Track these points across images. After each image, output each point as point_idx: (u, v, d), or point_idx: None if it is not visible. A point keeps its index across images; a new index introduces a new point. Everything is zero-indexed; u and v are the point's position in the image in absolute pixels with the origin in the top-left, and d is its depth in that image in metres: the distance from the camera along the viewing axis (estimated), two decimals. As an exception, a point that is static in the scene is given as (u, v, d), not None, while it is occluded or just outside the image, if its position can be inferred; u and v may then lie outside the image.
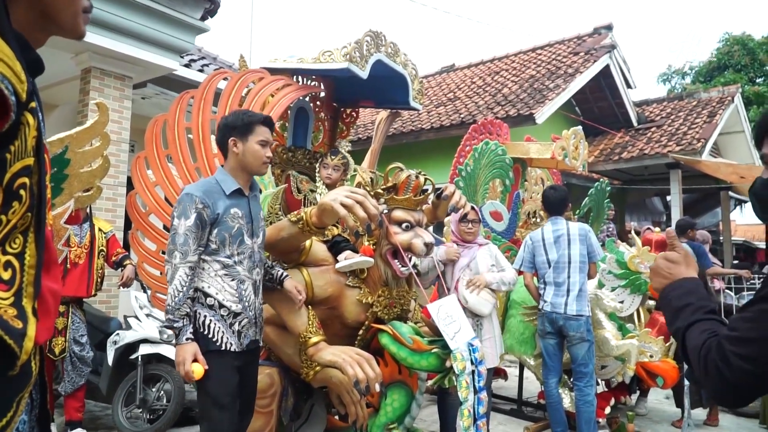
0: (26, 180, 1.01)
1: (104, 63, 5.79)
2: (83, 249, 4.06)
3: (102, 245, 4.22)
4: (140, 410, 4.14)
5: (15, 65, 0.91)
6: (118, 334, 4.29)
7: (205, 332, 2.30)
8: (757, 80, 19.21)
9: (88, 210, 4.09)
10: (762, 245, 15.15)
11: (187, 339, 2.21)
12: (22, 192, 1.00)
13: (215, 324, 2.31)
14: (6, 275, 0.98)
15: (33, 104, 0.98)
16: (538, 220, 5.19)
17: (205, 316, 2.31)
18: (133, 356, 4.17)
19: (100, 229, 4.26)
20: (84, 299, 4.18)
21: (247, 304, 2.36)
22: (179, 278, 2.23)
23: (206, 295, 2.30)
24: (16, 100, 0.90)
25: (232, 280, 2.34)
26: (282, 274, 2.57)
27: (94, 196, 3.76)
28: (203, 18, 6.24)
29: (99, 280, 4.18)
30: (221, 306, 2.32)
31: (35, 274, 1.03)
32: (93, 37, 5.32)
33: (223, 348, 2.30)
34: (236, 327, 2.33)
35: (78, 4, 1.10)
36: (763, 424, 4.90)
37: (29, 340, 0.97)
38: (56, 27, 1.11)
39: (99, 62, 5.76)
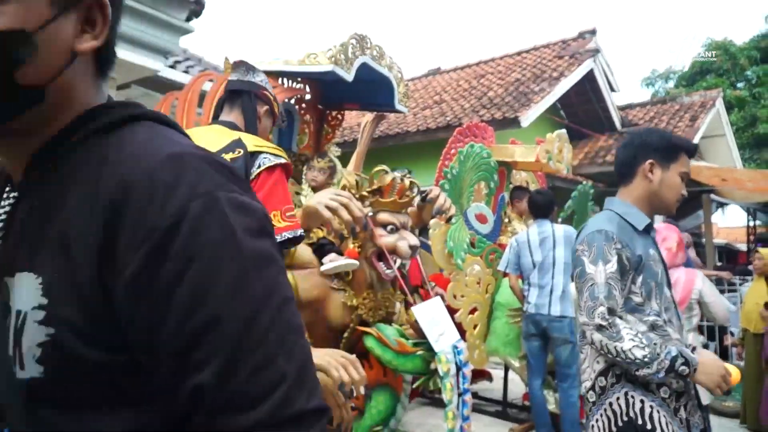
0: None
1: (87, 64, 5.73)
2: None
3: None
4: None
5: None
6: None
7: (647, 426, 1.66)
8: (738, 85, 19.54)
9: None
10: (743, 247, 15.38)
11: (693, 350, 1.66)
12: None
13: (657, 412, 1.68)
14: None
15: None
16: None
17: (642, 401, 1.69)
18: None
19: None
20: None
21: (687, 379, 1.67)
22: (626, 333, 1.63)
23: None
24: None
25: None
26: None
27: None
28: (188, 19, 6.20)
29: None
30: (660, 384, 1.69)
31: None
32: (76, 37, 5.27)
33: None
34: (683, 413, 1.72)
35: None
36: (743, 424, 4.97)
37: None
38: None
39: (82, 63, 5.70)
